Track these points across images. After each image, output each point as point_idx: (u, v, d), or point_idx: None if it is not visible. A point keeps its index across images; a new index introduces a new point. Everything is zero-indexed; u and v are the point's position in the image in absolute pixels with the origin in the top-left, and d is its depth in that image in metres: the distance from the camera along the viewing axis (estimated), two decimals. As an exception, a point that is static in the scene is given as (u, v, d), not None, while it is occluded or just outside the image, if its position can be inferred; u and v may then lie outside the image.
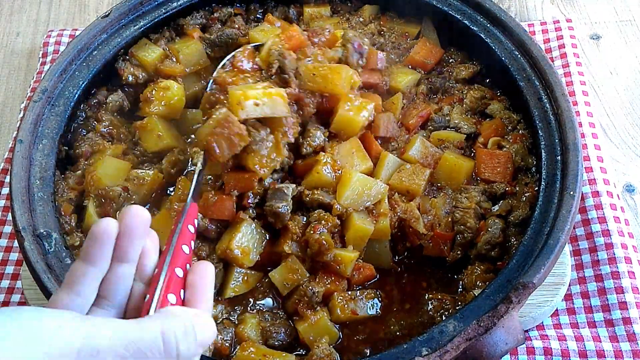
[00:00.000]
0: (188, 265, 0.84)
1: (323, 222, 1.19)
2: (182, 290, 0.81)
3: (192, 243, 0.88)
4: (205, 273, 0.83)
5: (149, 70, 1.45)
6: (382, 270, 1.24)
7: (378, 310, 1.20)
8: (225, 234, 1.22)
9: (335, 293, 1.18)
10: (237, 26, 1.52)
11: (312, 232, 1.17)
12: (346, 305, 1.17)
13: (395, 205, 1.23)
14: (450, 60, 1.49)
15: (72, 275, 0.78)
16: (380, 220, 1.21)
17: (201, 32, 1.53)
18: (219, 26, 1.54)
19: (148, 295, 0.79)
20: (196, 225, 0.92)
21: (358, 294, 1.20)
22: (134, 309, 0.81)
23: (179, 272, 0.81)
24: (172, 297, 0.79)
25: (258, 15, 1.59)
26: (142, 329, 0.71)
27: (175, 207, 1.23)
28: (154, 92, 1.40)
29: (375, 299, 1.21)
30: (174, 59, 1.47)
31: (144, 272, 0.82)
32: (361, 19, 1.55)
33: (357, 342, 1.17)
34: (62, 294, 0.77)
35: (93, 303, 0.78)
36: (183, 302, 0.81)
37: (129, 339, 0.70)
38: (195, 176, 1.09)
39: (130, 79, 1.43)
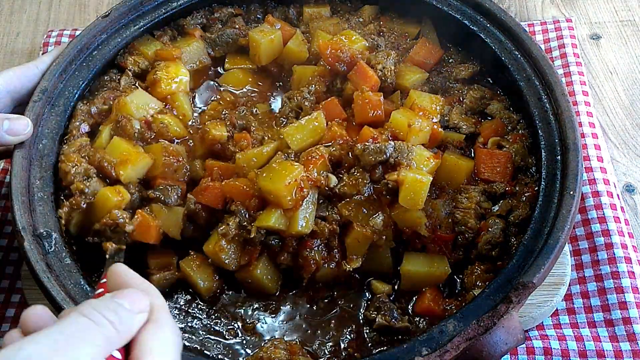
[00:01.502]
0: None
1: (319, 233, 1.18)
2: None
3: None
4: (116, 273, 0.85)
5: (149, 59, 1.46)
6: (381, 272, 1.24)
7: None
8: (214, 233, 1.23)
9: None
10: (237, 26, 1.52)
11: (303, 247, 1.18)
12: None
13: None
14: (450, 60, 1.49)
15: None
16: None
17: (202, 32, 1.54)
18: (219, 26, 1.55)
19: None
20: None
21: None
22: None
23: None
24: None
25: (258, 16, 1.59)
26: (61, 322, 0.73)
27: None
28: (158, 73, 1.40)
29: None
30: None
31: None
32: (361, 20, 1.55)
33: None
34: None
35: None
36: None
37: (50, 335, 0.70)
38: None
39: (134, 68, 1.44)
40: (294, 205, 1.14)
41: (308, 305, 1.23)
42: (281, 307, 1.23)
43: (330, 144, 1.27)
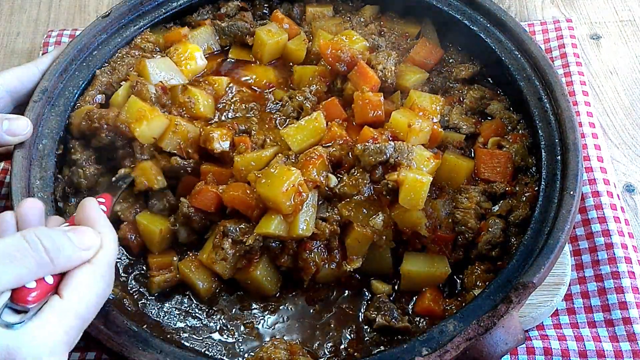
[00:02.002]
0: None
1: (320, 233, 1.18)
2: None
3: None
4: (84, 207, 0.95)
5: (160, 46, 1.48)
6: (381, 273, 1.24)
7: None
8: (209, 240, 1.23)
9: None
10: (247, 21, 1.52)
11: (302, 249, 1.18)
12: None
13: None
14: (450, 60, 1.49)
15: None
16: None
17: (212, 21, 1.55)
18: (228, 19, 1.55)
19: None
20: (103, 201, 1.07)
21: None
22: None
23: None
24: None
25: (264, 11, 1.59)
26: (5, 239, 0.81)
27: None
28: (173, 59, 1.41)
29: None
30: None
31: None
32: (362, 19, 1.55)
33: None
34: None
35: None
36: None
37: None
38: (118, 181, 1.23)
39: (146, 45, 1.45)
40: (293, 209, 1.14)
41: (308, 306, 1.23)
42: (281, 308, 1.23)
43: (330, 144, 1.27)
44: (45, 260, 0.82)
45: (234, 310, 1.23)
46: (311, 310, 1.22)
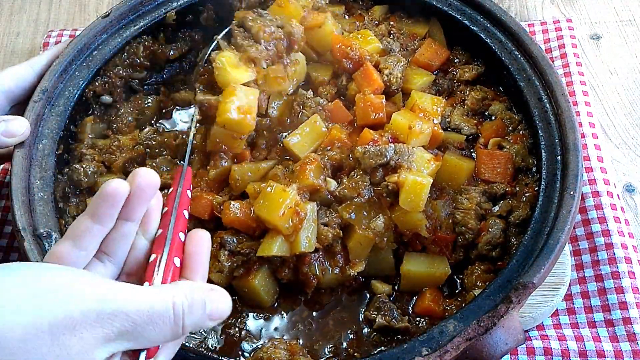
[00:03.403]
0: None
1: (323, 238, 1.17)
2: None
3: (189, 208, 0.94)
4: (202, 242, 0.87)
5: None
6: (383, 275, 1.24)
7: None
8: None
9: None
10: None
11: (302, 263, 1.17)
12: None
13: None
14: (455, 61, 1.48)
15: (76, 229, 0.80)
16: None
17: None
18: None
19: (153, 255, 0.83)
20: (191, 190, 0.99)
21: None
22: (135, 265, 0.85)
23: (181, 237, 0.87)
24: (177, 260, 0.83)
25: None
26: (156, 299, 0.75)
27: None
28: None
29: None
30: None
31: (148, 230, 0.86)
32: (373, 19, 1.54)
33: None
34: (65, 247, 0.79)
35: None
36: (181, 268, 0.85)
37: (142, 306, 0.73)
38: (190, 142, 1.19)
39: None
40: (293, 229, 1.13)
41: (308, 306, 1.23)
42: (281, 308, 1.23)
43: (329, 147, 1.27)
44: (179, 333, 0.78)
45: (233, 310, 1.22)
46: (311, 311, 1.22)
